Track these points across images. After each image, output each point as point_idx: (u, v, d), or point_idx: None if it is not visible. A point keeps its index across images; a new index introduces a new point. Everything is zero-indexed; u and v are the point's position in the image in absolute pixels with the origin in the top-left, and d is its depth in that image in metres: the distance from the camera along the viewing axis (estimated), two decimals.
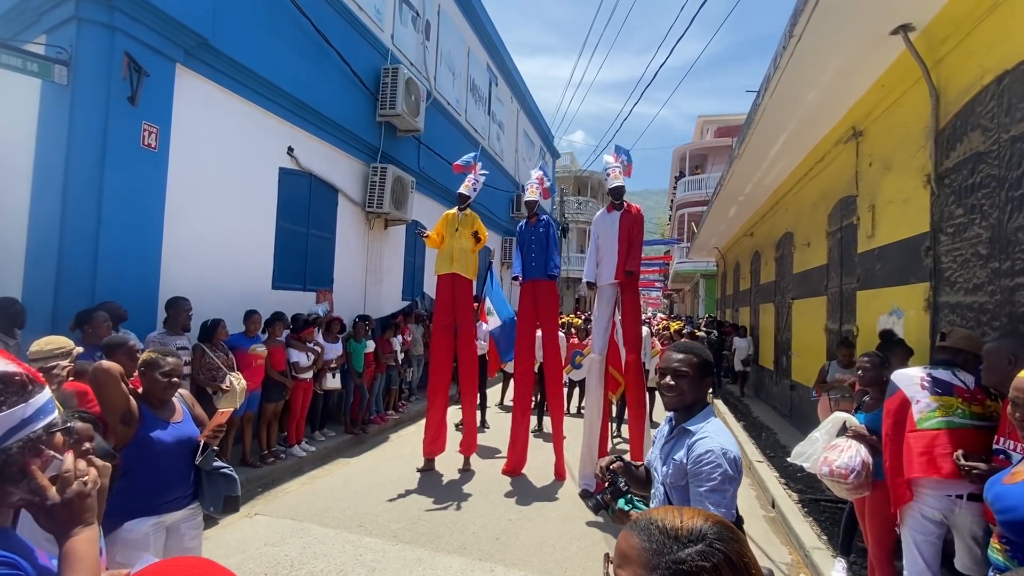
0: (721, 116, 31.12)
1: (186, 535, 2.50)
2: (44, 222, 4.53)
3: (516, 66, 16.15)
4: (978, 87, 3.57)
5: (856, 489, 2.95)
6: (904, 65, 4.41)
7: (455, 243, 5.86)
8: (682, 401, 1.84)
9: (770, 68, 5.08)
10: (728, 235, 14.68)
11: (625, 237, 5.37)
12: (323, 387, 6.41)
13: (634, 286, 5.57)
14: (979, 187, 3.56)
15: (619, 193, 5.46)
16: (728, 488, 1.65)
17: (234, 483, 2.56)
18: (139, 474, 2.28)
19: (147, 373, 2.39)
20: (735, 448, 1.72)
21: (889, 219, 4.91)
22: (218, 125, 5.70)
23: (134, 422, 2.30)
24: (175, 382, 2.42)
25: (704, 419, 1.83)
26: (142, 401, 2.38)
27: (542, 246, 5.85)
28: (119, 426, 2.26)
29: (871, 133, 5.36)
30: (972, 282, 3.63)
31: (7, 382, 0.98)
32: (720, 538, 0.75)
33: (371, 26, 8.26)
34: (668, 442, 1.90)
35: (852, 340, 5.44)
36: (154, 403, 2.41)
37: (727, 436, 1.76)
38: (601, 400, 5.49)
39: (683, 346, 1.93)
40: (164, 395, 2.41)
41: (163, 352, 2.43)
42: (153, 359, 2.40)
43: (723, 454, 1.67)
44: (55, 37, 4.60)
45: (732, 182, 8.94)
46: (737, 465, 1.67)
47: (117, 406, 2.26)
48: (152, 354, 2.42)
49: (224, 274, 5.80)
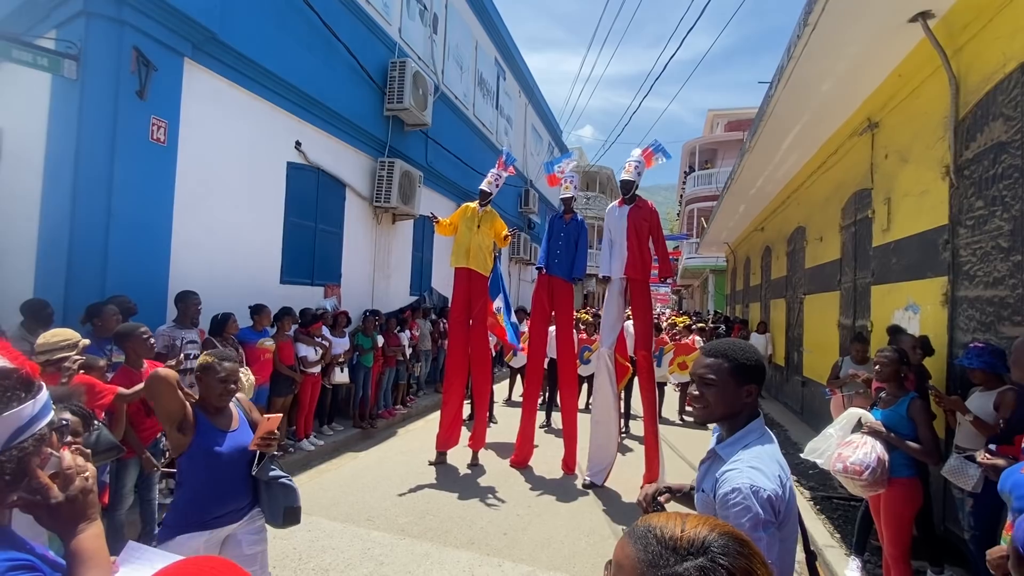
0: (731, 110, 30.83)
1: (244, 541, 2.33)
2: (55, 216, 4.54)
3: (524, 60, 16.05)
4: (1000, 75, 3.47)
5: (871, 486, 2.89)
6: (922, 53, 4.30)
7: (473, 238, 5.81)
8: (709, 415, 1.51)
9: (784, 58, 4.99)
10: (738, 230, 14.54)
11: (633, 233, 5.33)
12: (331, 381, 6.42)
13: (645, 283, 5.51)
14: (1000, 178, 3.46)
15: (627, 187, 5.43)
16: (761, 534, 1.33)
17: (294, 493, 2.37)
18: (194, 485, 2.19)
19: (203, 378, 2.26)
20: (771, 483, 1.34)
21: (906, 212, 4.81)
22: (226, 119, 5.70)
23: (190, 430, 2.17)
24: (232, 388, 2.27)
25: (741, 442, 1.47)
26: (198, 408, 2.26)
27: (570, 246, 5.82)
28: (175, 434, 2.16)
29: (887, 124, 5.26)
30: (992, 276, 3.54)
31: (13, 378, 0.96)
32: (725, 551, 0.66)
33: (379, 19, 8.22)
34: (703, 463, 1.60)
35: (866, 336, 5.35)
36: (210, 410, 2.28)
37: (765, 466, 1.38)
38: (610, 395, 5.46)
39: (713, 348, 1.54)
40: (220, 402, 2.27)
41: (220, 356, 2.28)
42: (209, 364, 2.26)
43: (752, 493, 1.32)
44: (65, 32, 4.60)
45: (743, 176, 8.83)
46: (772, 505, 1.33)
47: (173, 414, 2.15)
48: (208, 358, 2.27)
49: (233, 268, 5.81)
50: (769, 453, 1.43)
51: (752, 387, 1.47)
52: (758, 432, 1.48)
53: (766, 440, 1.47)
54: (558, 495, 5.12)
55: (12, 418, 0.93)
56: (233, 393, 2.31)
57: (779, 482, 1.36)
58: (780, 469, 1.40)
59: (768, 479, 1.34)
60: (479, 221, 5.85)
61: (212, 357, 2.28)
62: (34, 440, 0.97)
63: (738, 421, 1.49)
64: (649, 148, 5.56)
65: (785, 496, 1.36)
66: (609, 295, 5.61)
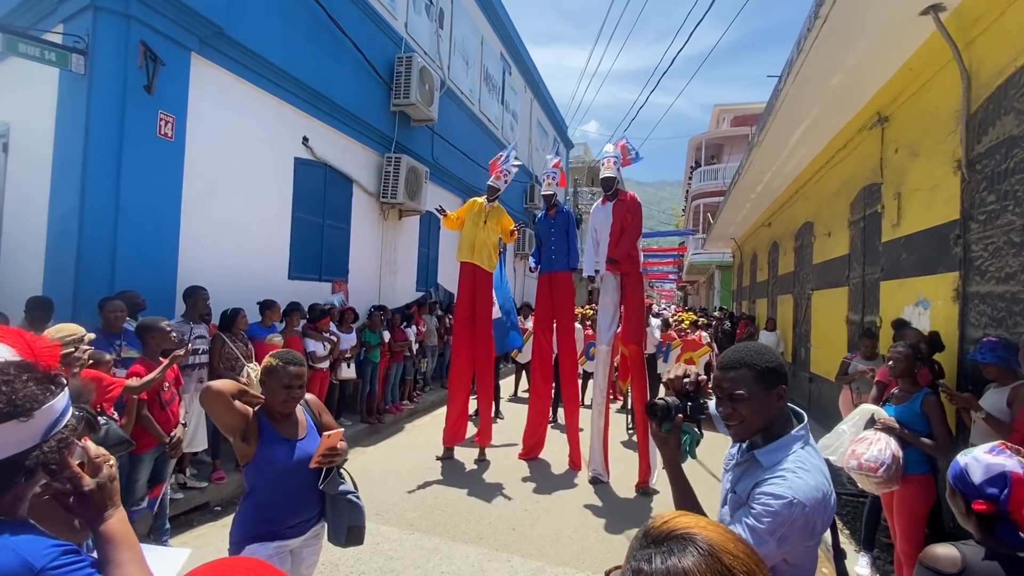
0: (738, 105, 30.63)
1: (306, 560, 2.25)
2: (63, 211, 4.57)
3: (530, 55, 15.99)
4: (1012, 68, 3.43)
5: (886, 483, 2.87)
6: (934, 47, 4.26)
7: (479, 234, 5.77)
8: (748, 430, 1.42)
9: (793, 52, 4.94)
10: (745, 225, 14.47)
11: (619, 227, 5.29)
12: (339, 377, 6.45)
13: (636, 275, 5.46)
14: (1013, 172, 3.43)
15: (608, 184, 5.41)
16: (769, 539, 1.25)
17: (360, 513, 2.25)
18: (261, 495, 2.07)
19: (266, 382, 2.09)
20: (815, 498, 1.26)
21: (916, 207, 4.77)
22: (233, 114, 5.71)
23: (254, 439, 2.05)
24: (296, 395, 2.10)
25: (785, 448, 1.37)
26: (263, 414, 2.10)
27: (562, 238, 5.82)
28: (239, 443, 2.05)
29: (897, 118, 5.21)
30: (1004, 271, 3.51)
31: (44, 372, 0.97)
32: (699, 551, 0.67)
33: (385, 15, 8.21)
34: (739, 466, 1.50)
35: (875, 331, 5.32)
36: (275, 416, 2.12)
37: (812, 478, 1.29)
38: (605, 390, 5.46)
39: (732, 357, 1.43)
40: (284, 408, 2.11)
41: (284, 359, 2.09)
42: (272, 366, 2.08)
43: (789, 505, 1.25)
44: (72, 26, 4.61)
45: (750, 171, 8.77)
46: (807, 520, 1.25)
47: (232, 427, 2.03)
48: (272, 360, 2.09)
49: (240, 263, 5.83)
50: (814, 463, 1.34)
51: (782, 388, 1.40)
52: (803, 439, 1.39)
53: (810, 447, 1.38)
54: (565, 490, 5.13)
55: (48, 411, 0.95)
56: (298, 399, 2.14)
57: (823, 496, 1.28)
58: (826, 482, 1.32)
59: (812, 494, 1.26)
60: (486, 217, 5.82)
61: (276, 359, 2.10)
62: (69, 430, 0.99)
63: (776, 427, 1.42)
64: (622, 141, 5.55)
65: (826, 511, 1.29)
66: (604, 291, 5.56)
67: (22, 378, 0.92)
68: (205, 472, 4.76)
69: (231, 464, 4.98)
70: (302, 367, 2.12)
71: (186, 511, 4.31)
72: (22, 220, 5.07)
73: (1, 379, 0.90)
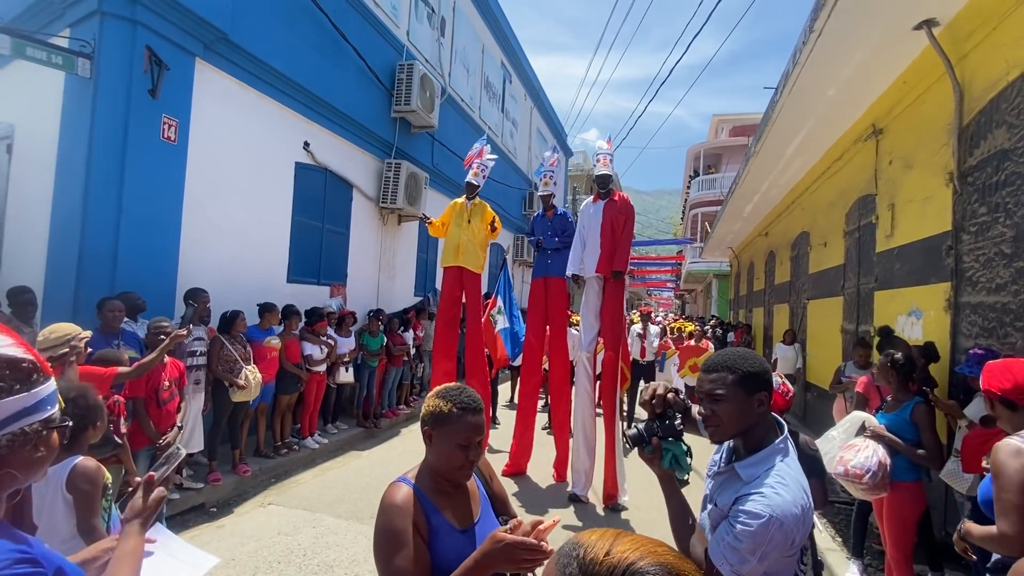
0: (736, 115, 30.82)
1: None
2: (66, 212, 4.61)
3: (530, 64, 16.12)
4: (1003, 83, 3.50)
5: (872, 490, 2.91)
6: (927, 61, 4.33)
7: (463, 234, 5.60)
8: (723, 433, 1.43)
9: (789, 64, 5.02)
10: (742, 235, 14.55)
11: (608, 228, 5.16)
12: (336, 381, 6.46)
13: (619, 280, 5.28)
14: (1004, 185, 3.49)
15: (605, 181, 5.27)
16: (750, 558, 1.26)
17: None
18: None
19: (433, 435, 1.43)
20: (793, 514, 1.27)
21: (909, 218, 4.83)
22: (236, 119, 5.77)
23: (424, 541, 1.38)
24: (476, 456, 1.43)
25: (765, 462, 1.37)
26: (422, 498, 1.42)
27: (559, 242, 5.68)
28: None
29: (892, 130, 5.28)
30: (995, 282, 3.56)
31: (12, 367, 0.90)
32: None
33: (387, 22, 8.30)
34: (719, 475, 1.49)
35: (869, 341, 5.37)
36: (440, 488, 1.45)
37: (789, 493, 1.29)
38: (587, 401, 5.25)
39: (714, 360, 1.44)
40: (460, 476, 1.45)
41: (459, 401, 1.42)
42: (444, 413, 1.41)
43: (767, 523, 1.25)
44: (79, 31, 4.68)
45: (748, 180, 8.85)
46: (785, 536, 1.26)
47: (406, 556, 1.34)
48: (442, 403, 1.42)
49: (240, 266, 5.87)
50: (793, 477, 1.35)
51: (763, 395, 1.40)
52: (783, 452, 1.39)
53: (789, 459, 1.39)
54: (556, 497, 5.14)
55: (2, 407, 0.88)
56: (476, 462, 1.45)
57: (800, 510, 1.29)
58: (804, 496, 1.33)
59: (790, 510, 1.27)
60: (469, 215, 5.66)
61: (447, 402, 1.42)
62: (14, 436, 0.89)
63: (755, 434, 1.41)
64: (610, 142, 5.45)
65: (804, 524, 1.30)
66: (586, 295, 5.40)
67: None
68: (201, 473, 4.78)
69: (227, 466, 5.00)
70: (482, 412, 1.45)
71: (182, 511, 4.33)
72: (24, 220, 5.10)
73: None
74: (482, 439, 1.44)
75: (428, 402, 1.44)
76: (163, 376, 3.63)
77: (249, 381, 4.82)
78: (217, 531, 4.11)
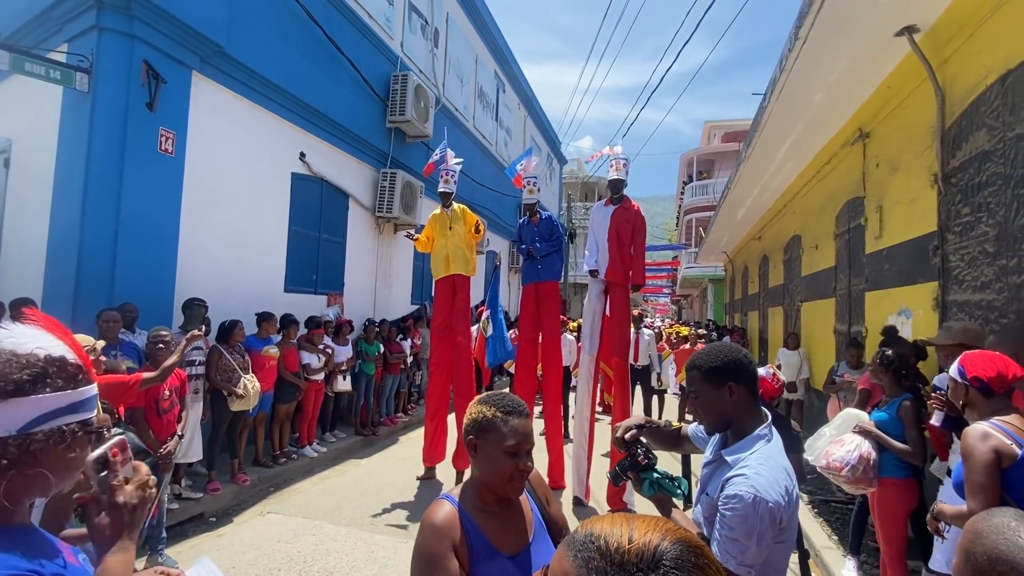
0: (728, 121, 31.15)
1: None
2: (64, 225, 4.65)
3: (523, 73, 16.28)
4: (982, 86, 3.60)
5: (853, 483, 2.97)
6: (909, 66, 4.44)
7: (448, 243, 5.55)
8: (710, 425, 1.55)
9: (776, 71, 5.12)
10: (736, 239, 14.67)
11: (615, 235, 5.12)
12: (334, 389, 6.49)
13: (624, 285, 5.24)
14: (985, 185, 3.57)
15: (617, 187, 5.22)
16: (748, 543, 1.31)
17: None
18: None
19: (479, 444, 1.31)
20: (775, 492, 1.34)
21: (897, 219, 4.92)
22: (232, 131, 5.83)
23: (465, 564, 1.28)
24: (527, 466, 1.31)
25: (748, 447, 1.45)
26: (468, 521, 1.30)
27: (546, 246, 5.61)
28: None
29: (878, 134, 5.39)
30: (980, 280, 3.64)
31: (60, 366, 0.92)
32: (679, 565, 0.55)
33: (381, 34, 8.40)
34: (708, 466, 1.59)
35: (861, 341, 5.45)
36: (487, 508, 1.33)
37: (771, 473, 1.37)
38: (586, 406, 5.21)
39: (688, 361, 1.58)
40: (510, 490, 1.31)
41: (503, 405, 1.33)
42: (488, 419, 1.31)
43: (753, 504, 1.31)
44: (77, 45, 4.74)
45: (739, 185, 8.96)
46: (773, 516, 1.32)
47: None
48: (485, 409, 1.33)
49: (238, 276, 5.90)
50: (775, 459, 1.41)
51: (732, 385, 1.46)
52: (766, 437, 1.46)
53: (772, 444, 1.46)
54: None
55: (39, 402, 0.88)
56: (527, 474, 1.32)
57: (784, 491, 1.35)
58: (787, 477, 1.39)
59: (772, 489, 1.34)
60: (450, 223, 5.59)
61: (491, 407, 1.32)
62: (49, 432, 0.89)
63: (742, 423, 1.48)
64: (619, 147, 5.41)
65: (789, 505, 1.36)
66: (588, 298, 5.36)
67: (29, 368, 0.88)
68: (200, 483, 4.79)
69: (226, 475, 5.02)
70: (527, 419, 1.34)
71: (181, 522, 4.33)
72: (22, 233, 5.14)
73: (14, 362, 0.87)
74: (531, 447, 1.32)
75: (471, 410, 1.35)
76: (164, 385, 3.66)
77: (248, 390, 4.85)
78: (217, 540, 4.12)
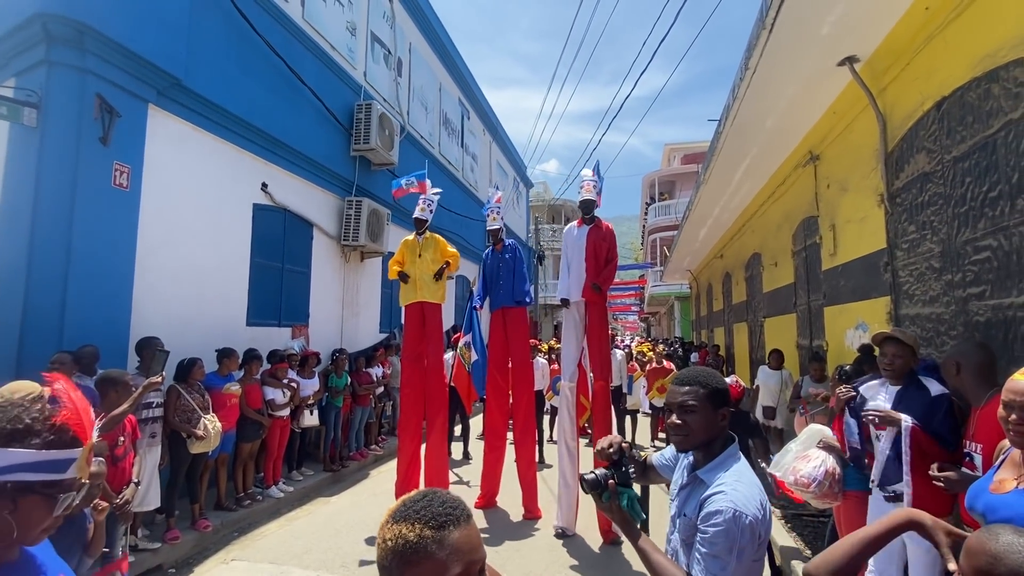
0: (687, 144, 32.16)
1: None
2: (9, 264, 4.42)
3: (487, 99, 16.53)
4: (920, 112, 3.82)
5: (820, 498, 3.03)
6: (852, 93, 4.69)
7: (417, 269, 5.44)
8: (691, 442, 1.56)
9: (729, 98, 5.34)
10: (699, 257, 15.04)
11: (591, 253, 5.18)
12: (300, 425, 6.27)
13: (601, 306, 5.31)
14: (928, 205, 3.77)
15: (588, 207, 5.30)
16: (728, 559, 1.36)
17: None
18: None
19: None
20: (754, 508, 1.40)
21: (849, 237, 5.13)
22: (191, 163, 5.69)
23: None
24: None
25: (723, 466, 1.52)
26: None
27: (509, 272, 5.64)
28: None
29: (827, 157, 5.64)
30: (928, 294, 3.82)
31: (55, 431, 0.94)
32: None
33: (344, 64, 8.41)
34: (683, 489, 1.62)
35: (823, 355, 5.61)
36: None
37: (748, 489, 1.44)
38: (574, 430, 5.21)
39: (686, 375, 1.61)
40: None
41: (426, 517, 0.88)
42: (408, 546, 0.85)
43: (735, 518, 1.37)
44: (25, 80, 4.58)
45: (700, 206, 9.23)
46: (753, 531, 1.38)
47: None
48: (399, 531, 0.87)
49: (198, 312, 5.70)
50: (748, 476, 1.49)
51: (726, 410, 1.57)
52: (735, 456, 1.55)
53: (743, 462, 1.54)
54: (530, 535, 5.08)
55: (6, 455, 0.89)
56: None
57: (760, 505, 1.42)
58: (760, 493, 1.46)
59: (751, 503, 1.40)
60: (420, 250, 5.50)
61: (417, 525, 0.86)
62: (12, 485, 0.90)
63: (715, 446, 1.56)
64: (594, 171, 5.47)
65: (766, 519, 1.42)
66: (567, 322, 5.38)
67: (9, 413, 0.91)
68: (158, 532, 4.53)
69: (186, 522, 4.77)
70: (470, 522, 0.90)
71: (138, 575, 4.08)
72: None
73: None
74: (483, 565, 0.91)
75: (382, 533, 0.88)
76: (117, 431, 3.48)
77: (208, 431, 4.65)
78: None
